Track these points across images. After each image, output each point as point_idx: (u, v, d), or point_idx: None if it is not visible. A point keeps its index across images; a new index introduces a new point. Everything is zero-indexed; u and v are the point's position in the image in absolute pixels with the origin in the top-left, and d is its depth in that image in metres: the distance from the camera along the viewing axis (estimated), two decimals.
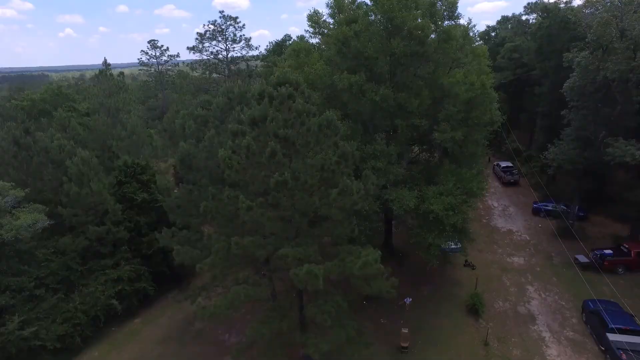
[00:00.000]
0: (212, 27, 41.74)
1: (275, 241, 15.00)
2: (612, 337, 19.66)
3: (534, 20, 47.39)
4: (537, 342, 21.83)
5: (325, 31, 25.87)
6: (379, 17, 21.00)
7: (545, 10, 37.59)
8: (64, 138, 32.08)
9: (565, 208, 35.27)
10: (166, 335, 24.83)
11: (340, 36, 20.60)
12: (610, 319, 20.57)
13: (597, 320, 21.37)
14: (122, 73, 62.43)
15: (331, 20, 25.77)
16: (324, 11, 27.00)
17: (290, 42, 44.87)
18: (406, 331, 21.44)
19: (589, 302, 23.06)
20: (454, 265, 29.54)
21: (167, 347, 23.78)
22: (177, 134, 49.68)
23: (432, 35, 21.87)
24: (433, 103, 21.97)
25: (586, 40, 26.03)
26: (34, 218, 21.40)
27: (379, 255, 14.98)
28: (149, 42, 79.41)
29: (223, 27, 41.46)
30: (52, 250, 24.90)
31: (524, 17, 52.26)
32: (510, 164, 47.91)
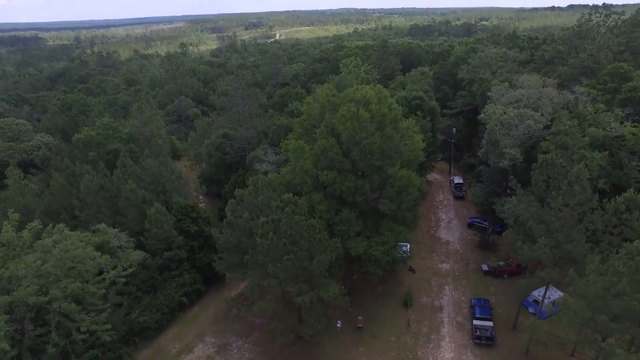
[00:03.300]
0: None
1: (286, 282, 29.31)
2: (475, 322, 34.70)
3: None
4: (439, 324, 36.93)
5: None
6: (347, 132, 34.00)
7: (481, 80, 49.77)
8: (131, 180, 45.69)
9: (486, 224, 49.53)
10: (215, 318, 39.89)
11: (322, 146, 33.92)
12: (477, 311, 35.57)
13: (472, 311, 36.33)
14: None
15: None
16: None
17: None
18: (361, 317, 36.51)
19: (473, 299, 38.01)
20: (401, 270, 44.02)
21: (217, 325, 38.87)
22: (202, 157, 63.12)
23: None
24: (380, 183, 35.62)
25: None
26: (139, 253, 35.61)
27: (338, 288, 29.35)
28: (167, 58, 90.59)
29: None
30: (141, 266, 39.30)
31: None
32: (461, 181, 61.53)
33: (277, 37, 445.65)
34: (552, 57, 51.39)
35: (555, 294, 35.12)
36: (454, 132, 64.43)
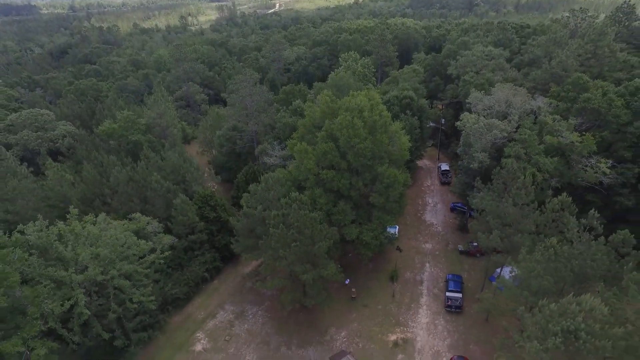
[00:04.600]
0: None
1: (293, 263, 36.57)
2: (447, 293, 42.34)
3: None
4: (418, 295, 44.64)
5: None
6: (343, 138, 40.31)
7: (464, 82, 55.25)
8: (156, 172, 52.21)
9: (466, 209, 56.50)
10: (232, 290, 47.64)
11: (322, 149, 40.36)
12: (450, 284, 43.15)
13: (447, 284, 43.94)
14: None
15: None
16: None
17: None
18: (354, 290, 44.20)
19: (448, 275, 45.57)
20: (390, 249, 51.33)
21: (234, 296, 46.64)
22: (214, 145, 69.21)
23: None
24: (371, 179, 42.29)
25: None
26: (170, 238, 42.77)
27: (335, 267, 36.65)
28: (175, 46, 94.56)
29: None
30: (170, 248, 46.58)
31: None
32: (447, 168, 68.00)
33: (277, 7, 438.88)
34: (531, 60, 56.50)
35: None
36: (443, 122, 70.35)
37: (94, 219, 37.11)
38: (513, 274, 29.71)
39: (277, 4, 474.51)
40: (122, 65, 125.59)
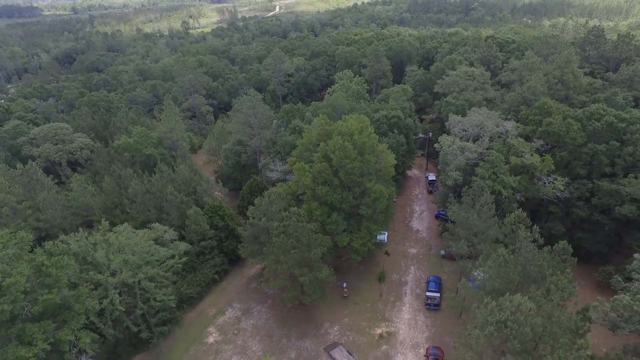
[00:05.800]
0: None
1: (292, 267, 42.69)
2: (427, 293, 48.46)
3: None
4: (402, 294, 50.76)
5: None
6: (336, 158, 46.40)
7: (447, 103, 61.39)
8: (170, 185, 58.33)
9: (447, 217, 62.52)
10: (239, 290, 53.80)
11: (317, 168, 46.50)
12: (430, 285, 49.26)
13: (427, 285, 50.05)
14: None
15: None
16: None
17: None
18: (346, 289, 50.34)
19: (430, 277, 51.70)
20: (379, 254, 57.45)
21: (240, 295, 52.80)
22: (220, 156, 75.41)
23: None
24: (361, 193, 48.43)
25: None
26: (185, 245, 48.89)
27: (329, 270, 42.81)
28: (181, 61, 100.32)
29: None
30: (185, 252, 52.70)
31: None
32: (434, 178, 74.03)
33: (277, 10, 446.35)
34: (508, 82, 62.40)
35: None
36: (431, 135, 76.42)
37: (121, 228, 43.18)
38: (474, 276, 35.81)
39: (277, 6, 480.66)
40: (130, 75, 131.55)
